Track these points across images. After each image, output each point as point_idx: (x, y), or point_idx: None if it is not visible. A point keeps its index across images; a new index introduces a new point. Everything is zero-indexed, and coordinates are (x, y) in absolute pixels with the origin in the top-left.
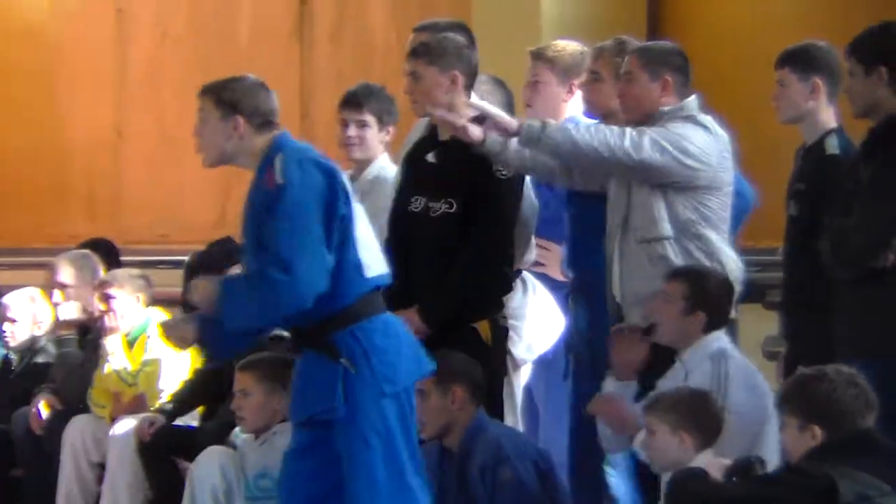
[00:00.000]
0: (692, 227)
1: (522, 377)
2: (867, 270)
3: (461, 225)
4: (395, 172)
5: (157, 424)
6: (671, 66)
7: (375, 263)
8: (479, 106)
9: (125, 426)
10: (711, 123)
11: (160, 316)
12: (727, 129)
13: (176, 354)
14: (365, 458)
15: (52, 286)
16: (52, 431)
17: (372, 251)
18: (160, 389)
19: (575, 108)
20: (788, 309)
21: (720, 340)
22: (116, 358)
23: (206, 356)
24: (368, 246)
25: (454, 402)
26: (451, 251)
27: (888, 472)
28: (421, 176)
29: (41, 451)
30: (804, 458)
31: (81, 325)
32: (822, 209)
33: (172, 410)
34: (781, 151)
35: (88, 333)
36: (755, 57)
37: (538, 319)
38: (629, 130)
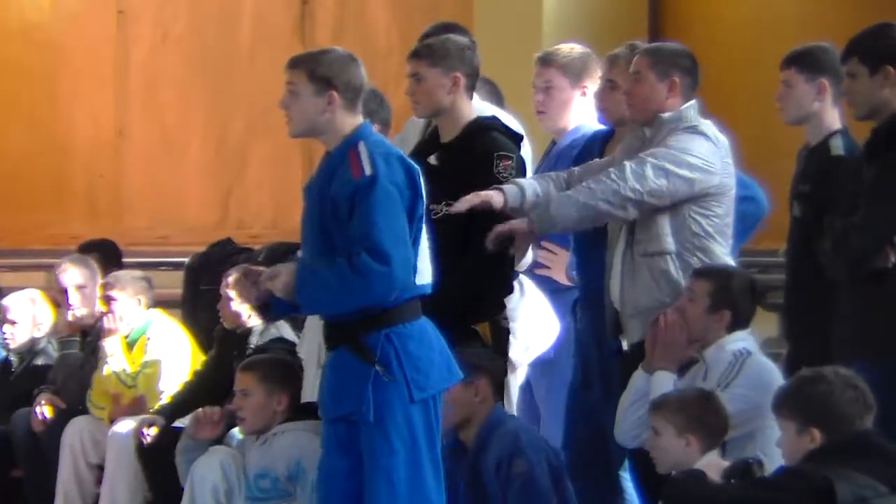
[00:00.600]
0: (697, 240)
1: (518, 378)
2: (868, 270)
3: (462, 227)
4: None
5: (156, 426)
6: (680, 67)
7: (426, 271)
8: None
9: (124, 428)
10: (711, 130)
11: (160, 318)
12: (727, 131)
13: (175, 356)
14: (388, 462)
15: (62, 288)
16: (51, 432)
17: (425, 259)
18: (160, 391)
19: (583, 111)
20: (791, 310)
21: (746, 340)
22: (116, 360)
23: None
24: (425, 253)
25: (477, 394)
26: (452, 253)
27: (886, 473)
28: (423, 177)
29: (40, 452)
30: (803, 460)
31: (83, 327)
32: (826, 210)
33: (172, 412)
34: (782, 153)
35: (88, 335)
36: (757, 58)
37: (532, 321)
38: (629, 165)
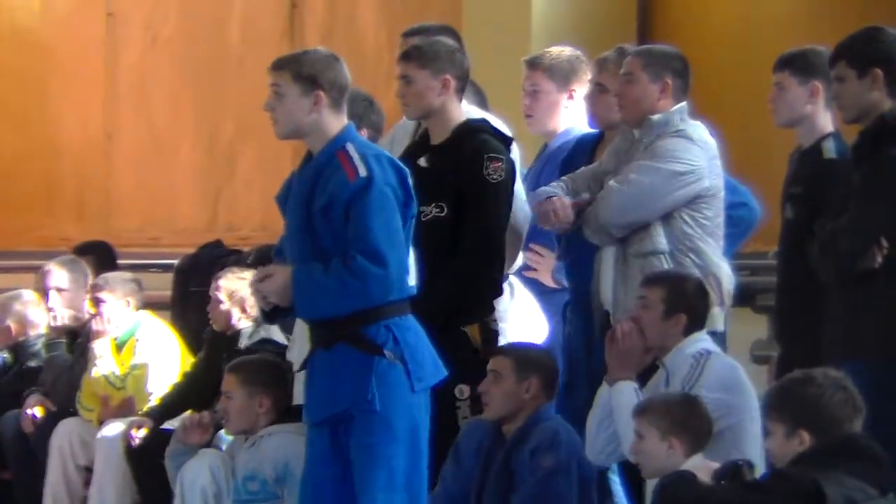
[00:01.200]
0: (689, 241)
1: None
2: (856, 272)
3: (452, 229)
4: None
5: (144, 428)
6: (672, 69)
7: (413, 274)
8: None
9: (113, 430)
10: (697, 132)
11: (149, 320)
12: (716, 132)
13: (164, 358)
14: (389, 450)
15: (45, 290)
16: (40, 434)
17: (412, 262)
18: (148, 393)
19: (574, 115)
20: (782, 312)
21: (703, 341)
22: (104, 361)
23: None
24: (411, 257)
25: (528, 390)
26: (441, 255)
27: (875, 476)
28: (412, 180)
29: (29, 453)
30: (792, 463)
31: (71, 328)
32: (819, 213)
33: (160, 414)
34: (772, 155)
35: (78, 337)
36: (746, 60)
37: (521, 323)
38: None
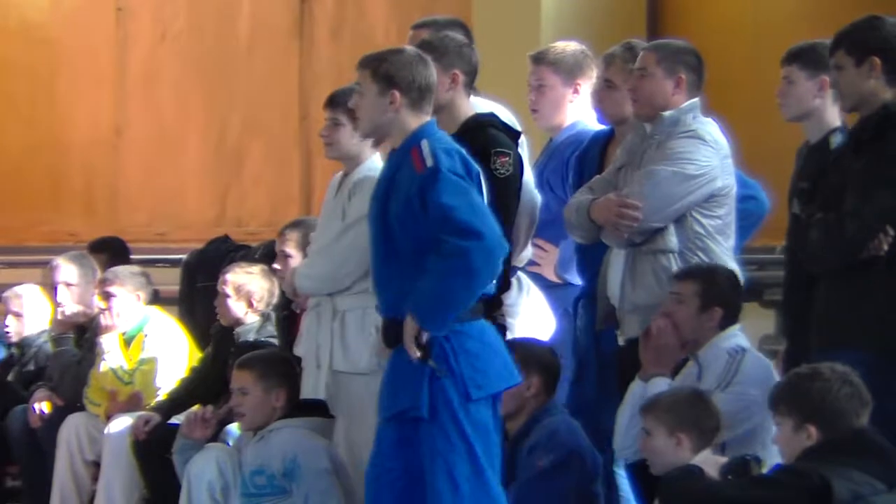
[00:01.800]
0: (699, 239)
1: None
2: (860, 259)
3: None
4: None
5: (152, 423)
6: (686, 64)
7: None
8: None
9: (120, 424)
10: (710, 132)
11: (157, 315)
12: (726, 128)
13: (172, 353)
14: (448, 459)
15: (53, 285)
16: (48, 429)
17: None
18: (156, 388)
19: (580, 109)
20: (789, 307)
21: (738, 337)
22: (113, 356)
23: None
24: None
25: (530, 388)
26: None
27: (882, 470)
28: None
29: (37, 448)
30: (800, 457)
31: (79, 323)
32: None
33: (168, 409)
34: (780, 150)
35: (86, 332)
36: (755, 54)
37: (531, 318)
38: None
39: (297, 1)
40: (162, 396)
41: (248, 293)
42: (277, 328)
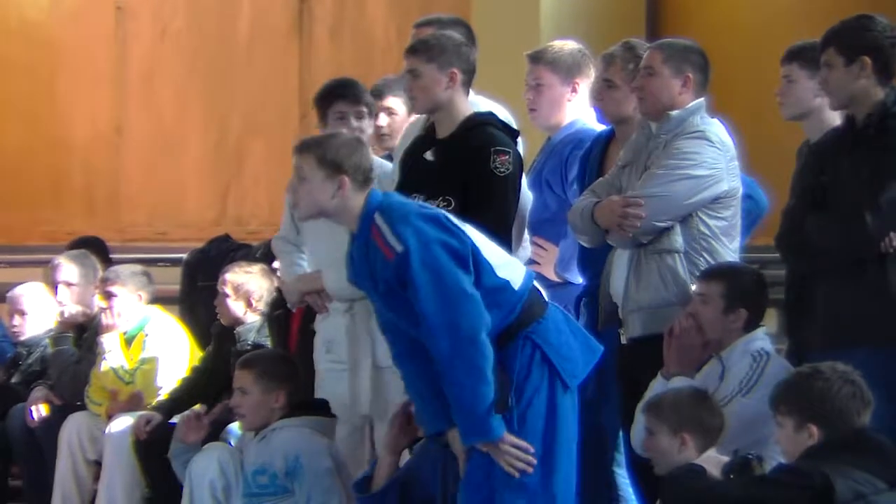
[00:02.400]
0: (704, 240)
1: None
2: (867, 256)
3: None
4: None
5: (153, 422)
6: (693, 63)
7: (516, 273)
8: None
9: (121, 424)
10: (716, 133)
11: (158, 314)
12: (727, 127)
13: (173, 353)
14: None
15: (54, 285)
16: (47, 428)
17: (508, 266)
18: (157, 387)
19: (578, 108)
20: (791, 305)
21: (763, 340)
22: (113, 355)
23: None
24: (501, 263)
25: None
26: None
27: (884, 469)
28: (419, 174)
29: (37, 448)
30: (801, 457)
31: (79, 323)
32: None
33: (169, 408)
34: (780, 150)
35: (85, 332)
36: (755, 54)
37: None
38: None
39: (296, 0)
40: (163, 396)
41: (246, 293)
42: (270, 327)
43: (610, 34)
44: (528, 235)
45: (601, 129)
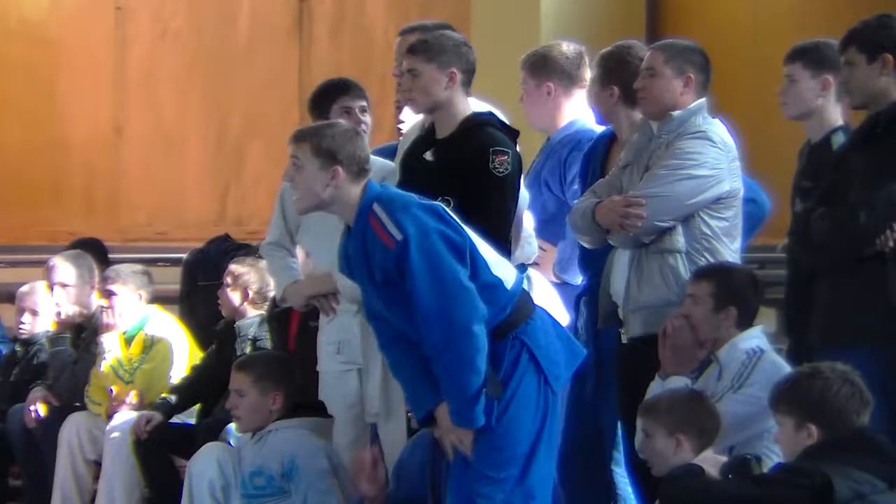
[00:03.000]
0: (706, 240)
1: None
2: (865, 253)
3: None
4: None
5: (154, 422)
6: (695, 64)
7: (509, 273)
8: None
9: (121, 423)
10: (718, 133)
11: (158, 314)
12: (729, 128)
13: (173, 352)
14: (502, 477)
15: (50, 286)
16: (46, 428)
17: (501, 265)
18: (157, 387)
19: (576, 109)
20: (792, 305)
21: (758, 338)
22: (113, 355)
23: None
24: (496, 262)
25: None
26: None
27: (883, 469)
28: (418, 174)
29: (37, 447)
30: (800, 456)
31: (77, 323)
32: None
33: (170, 408)
34: (782, 149)
35: (83, 332)
36: (755, 55)
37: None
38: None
39: (296, 0)
40: (162, 395)
41: (244, 283)
42: (269, 326)
43: (610, 35)
44: (533, 233)
45: (601, 129)
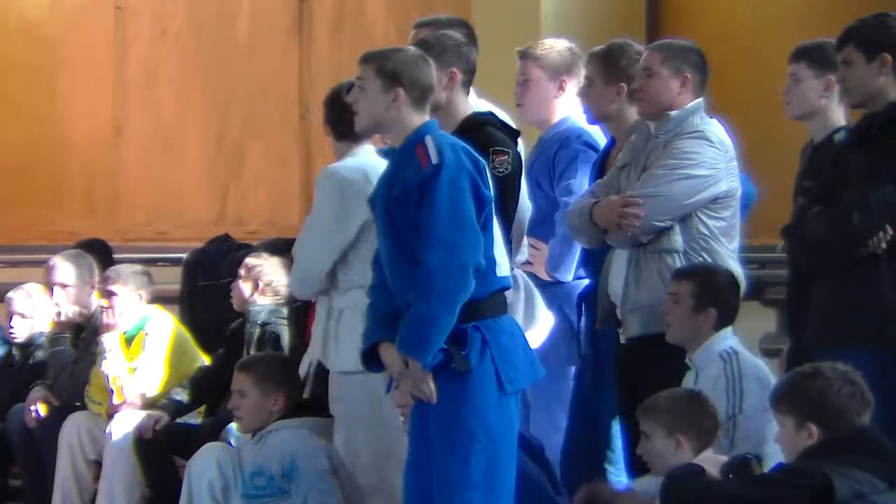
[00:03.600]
0: (703, 240)
1: None
2: (858, 253)
3: None
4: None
5: (162, 423)
6: (692, 64)
7: (504, 264)
8: None
9: (122, 423)
10: (715, 133)
11: (158, 314)
12: (727, 127)
13: (173, 353)
14: (466, 449)
15: (50, 286)
16: (46, 428)
17: (502, 252)
18: (157, 387)
19: (567, 106)
20: (792, 305)
21: (729, 339)
22: (113, 355)
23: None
24: (500, 246)
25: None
26: None
27: (883, 469)
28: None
29: (37, 447)
30: (801, 456)
31: (76, 323)
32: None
33: (176, 409)
34: (780, 149)
35: (82, 332)
36: (755, 54)
37: (528, 315)
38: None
39: (296, 0)
40: (173, 395)
41: (257, 274)
42: (289, 319)
43: (610, 34)
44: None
45: (592, 128)
